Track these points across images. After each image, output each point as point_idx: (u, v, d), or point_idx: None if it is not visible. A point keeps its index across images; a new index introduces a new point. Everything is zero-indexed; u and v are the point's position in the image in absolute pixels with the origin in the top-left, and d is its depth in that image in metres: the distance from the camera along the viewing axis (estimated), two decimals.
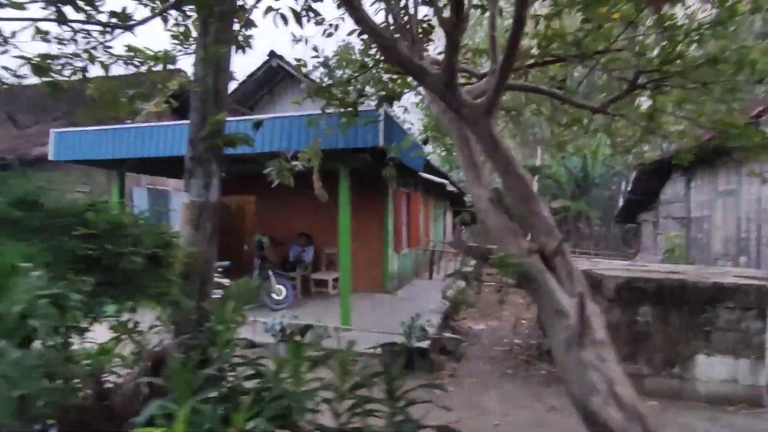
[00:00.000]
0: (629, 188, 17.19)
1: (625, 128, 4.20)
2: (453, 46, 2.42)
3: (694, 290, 4.92)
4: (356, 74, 3.95)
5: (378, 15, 4.00)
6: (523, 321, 8.78)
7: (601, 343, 1.95)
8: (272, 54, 11.20)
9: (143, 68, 2.75)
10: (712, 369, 4.91)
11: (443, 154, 16.58)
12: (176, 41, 3.00)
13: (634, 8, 3.14)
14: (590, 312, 2.01)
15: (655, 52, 3.57)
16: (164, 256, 2.38)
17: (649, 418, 1.73)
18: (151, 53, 2.66)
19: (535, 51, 4.02)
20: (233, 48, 3.13)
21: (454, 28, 2.40)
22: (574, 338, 1.88)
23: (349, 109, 4.30)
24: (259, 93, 12.77)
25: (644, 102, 4.26)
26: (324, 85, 4.42)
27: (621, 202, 20.35)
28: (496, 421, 4.41)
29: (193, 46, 2.95)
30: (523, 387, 5.30)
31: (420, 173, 8.98)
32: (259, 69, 11.86)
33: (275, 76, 12.06)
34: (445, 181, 13.77)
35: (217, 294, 3.38)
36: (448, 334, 6.78)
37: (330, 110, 4.64)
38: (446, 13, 2.52)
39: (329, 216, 7.48)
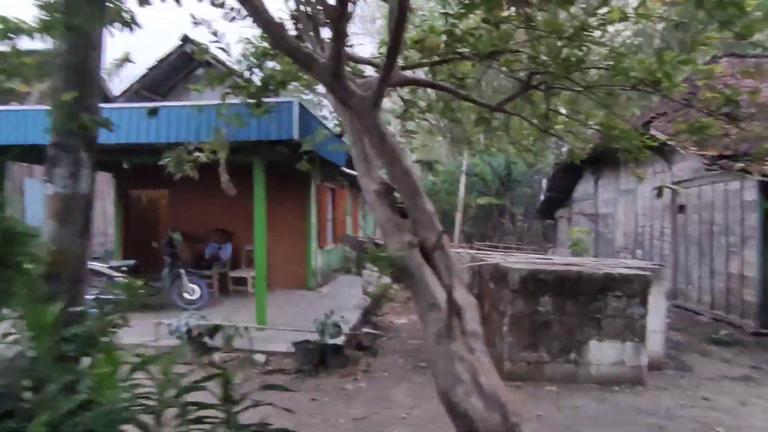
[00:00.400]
0: (547, 186, 18.31)
1: (523, 128, 4.40)
2: (339, 35, 2.35)
3: (588, 281, 5.30)
4: (257, 62, 3.77)
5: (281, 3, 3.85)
6: None
7: (473, 335, 1.98)
8: (186, 39, 10.49)
9: None
10: (603, 353, 5.32)
11: None
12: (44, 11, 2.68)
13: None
14: (464, 303, 2.04)
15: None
16: (7, 254, 2.10)
17: (510, 406, 1.78)
18: None
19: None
20: (121, 27, 2.87)
21: (340, 17, 2.34)
22: (444, 330, 1.90)
23: (254, 99, 4.12)
24: (173, 80, 11.98)
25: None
26: (225, 72, 4.20)
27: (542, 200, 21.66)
28: (403, 414, 4.46)
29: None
30: (433, 379, 5.42)
31: (343, 168, 8.88)
32: (170, 54, 11.09)
33: (190, 62, 11.34)
34: None
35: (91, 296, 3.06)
36: (366, 330, 6.79)
37: (235, 100, 4.42)
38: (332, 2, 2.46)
39: (249, 211, 7.19)
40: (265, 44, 3.82)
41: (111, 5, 2.85)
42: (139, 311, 3.35)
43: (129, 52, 3.85)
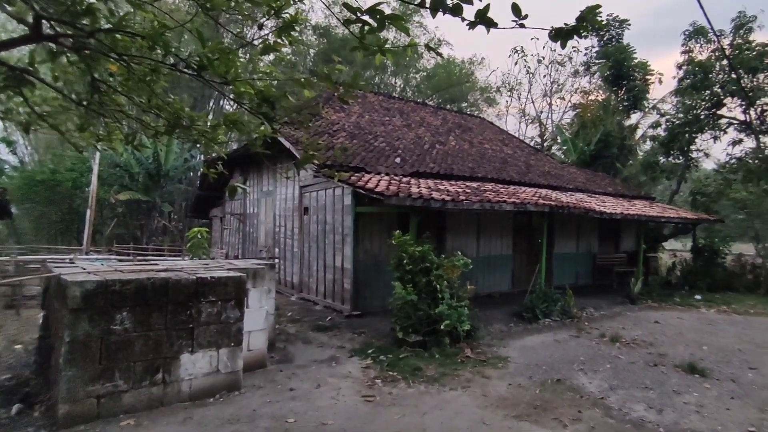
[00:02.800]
0: (199, 184, 17.43)
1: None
2: None
3: (178, 288, 4.73)
4: None
5: None
6: (18, 345, 6.74)
7: None
8: None
9: None
10: (196, 365, 4.87)
11: None
12: None
13: None
14: None
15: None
16: None
17: None
18: None
19: None
20: None
21: None
22: None
23: None
24: None
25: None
26: None
27: None
28: None
29: None
30: None
31: None
32: None
33: None
34: None
35: None
36: None
37: None
38: None
39: None
40: None
41: None
42: None
43: None
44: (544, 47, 41.83)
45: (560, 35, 2.28)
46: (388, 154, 10.71)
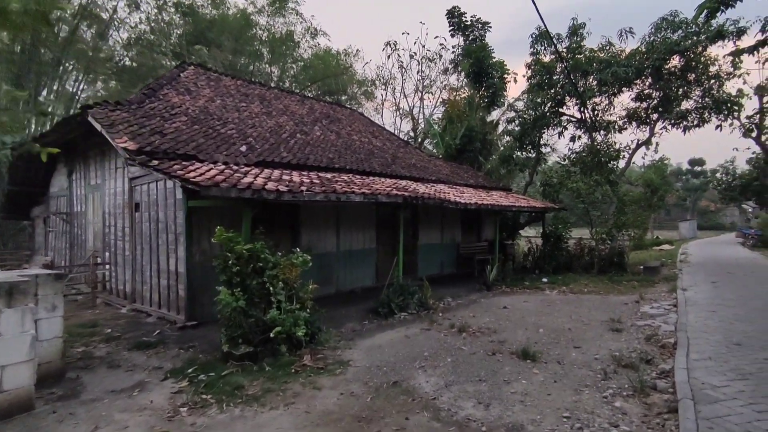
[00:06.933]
0: (9, 178, 14.22)
1: None
2: None
3: None
4: None
5: None
6: None
7: None
8: None
9: None
10: None
11: None
12: None
13: None
14: None
15: None
16: None
17: None
18: None
19: None
20: None
21: None
22: None
23: None
24: None
25: None
26: None
27: None
28: None
29: None
30: None
31: None
32: None
33: None
34: None
35: None
36: None
37: None
38: None
39: None
40: None
41: None
42: None
43: None
44: (415, 43, 43.39)
45: None
46: (234, 141, 9.58)
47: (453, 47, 25.73)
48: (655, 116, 18.73)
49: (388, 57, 37.71)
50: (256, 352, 5.99)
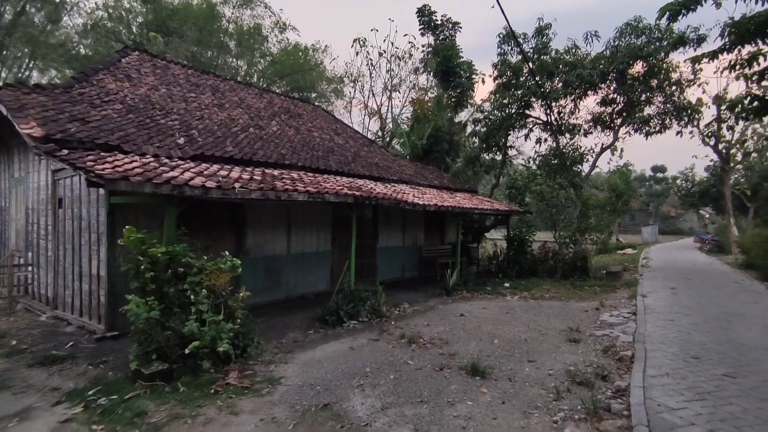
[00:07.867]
0: None
1: None
2: None
3: None
4: None
5: None
6: None
7: None
8: None
9: None
10: None
11: None
12: None
13: None
14: None
15: None
16: None
17: None
18: None
19: None
20: None
21: None
22: None
23: None
24: None
25: None
26: None
27: None
28: None
29: None
30: None
31: None
32: None
33: None
34: None
35: None
36: None
37: None
38: None
39: None
40: None
41: None
42: None
43: None
44: (384, 40, 42.77)
45: None
46: (172, 133, 8.74)
47: (423, 46, 25.32)
48: (618, 121, 18.79)
49: (357, 54, 36.94)
50: (171, 370, 5.26)
